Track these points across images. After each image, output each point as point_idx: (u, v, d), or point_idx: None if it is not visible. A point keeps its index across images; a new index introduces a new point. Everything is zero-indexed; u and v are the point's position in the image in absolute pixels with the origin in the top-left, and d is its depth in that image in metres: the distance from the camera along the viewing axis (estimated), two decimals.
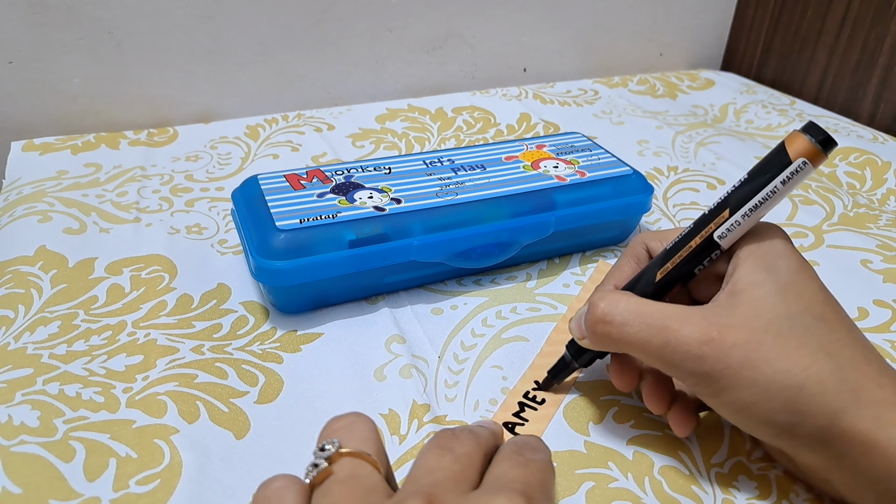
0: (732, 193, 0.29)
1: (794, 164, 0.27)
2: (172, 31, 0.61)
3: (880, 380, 0.25)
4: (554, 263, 0.45)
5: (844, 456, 0.25)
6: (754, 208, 0.28)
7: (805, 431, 0.25)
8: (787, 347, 0.25)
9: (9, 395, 0.33)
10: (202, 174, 0.55)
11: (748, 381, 0.25)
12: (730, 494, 0.29)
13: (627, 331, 0.28)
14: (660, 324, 0.27)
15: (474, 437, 0.25)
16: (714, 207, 0.29)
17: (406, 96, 0.72)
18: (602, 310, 0.28)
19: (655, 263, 0.31)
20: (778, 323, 0.26)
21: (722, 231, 0.29)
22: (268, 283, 0.38)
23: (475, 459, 0.24)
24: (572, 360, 0.33)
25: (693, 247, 0.29)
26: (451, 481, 0.23)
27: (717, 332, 0.26)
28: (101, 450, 0.30)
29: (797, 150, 0.27)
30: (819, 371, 0.25)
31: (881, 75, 0.66)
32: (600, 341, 0.29)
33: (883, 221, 0.50)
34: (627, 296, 0.29)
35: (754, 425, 0.26)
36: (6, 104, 0.59)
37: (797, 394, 0.25)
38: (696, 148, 0.62)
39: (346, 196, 0.41)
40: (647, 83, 0.77)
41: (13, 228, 0.46)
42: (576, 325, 0.31)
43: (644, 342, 0.27)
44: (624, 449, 0.31)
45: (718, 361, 0.26)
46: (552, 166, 0.46)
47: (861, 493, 0.26)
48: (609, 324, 0.28)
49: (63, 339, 0.36)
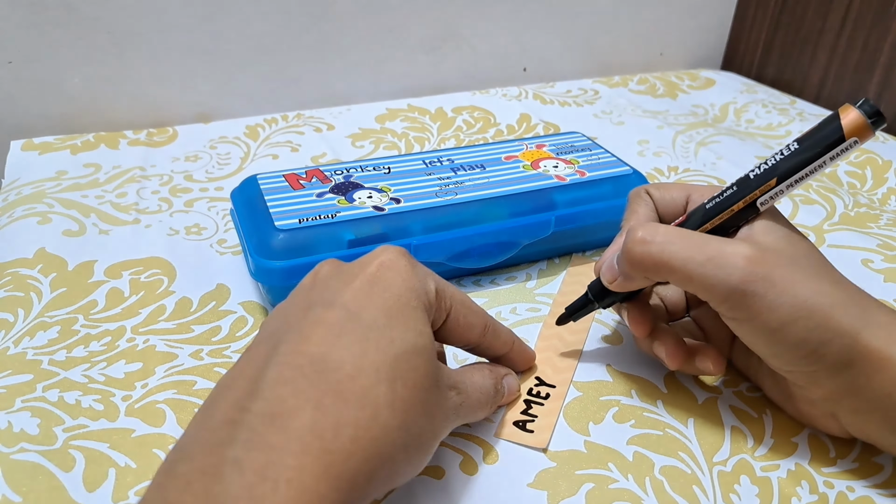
0: (781, 162, 0.29)
1: (846, 142, 0.27)
2: (172, 30, 0.61)
3: (881, 308, 0.28)
4: (554, 263, 0.45)
5: (860, 375, 0.26)
6: (800, 179, 0.29)
7: (832, 350, 0.26)
8: (811, 277, 0.27)
9: (9, 400, 0.32)
10: (201, 174, 0.55)
11: (789, 299, 0.26)
12: (734, 492, 0.29)
13: (670, 248, 0.28)
14: (703, 241, 0.28)
15: None
16: (761, 173, 0.29)
17: (406, 96, 0.72)
18: (642, 233, 0.29)
19: (693, 221, 0.31)
20: (798, 258, 0.28)
21: (765, 198, 0.29)
22: (267, 283, 0.38)
23: None
24: (593, 301, 0.34)
25: (735, 210, 0.30)
26: None
27: (759, 252, 0.27)
28: (101, 459, 0.30)
29: (851, 126, 0.27)
30: (839, 296, 0.27)
31: (882, 75, 0.66)
32: (639, 263, 0.29)
33: (884, 221, 0.50)
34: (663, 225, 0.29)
35: (785, 348, 0.27)
36: (5, 104, 0.59)
37: (829, 312, 0.26)
38: (697, 147, 0.62)
39: (345, 196, 0.41)
40: (648, 83, 0.77)
41: (13, 229, 0.46)
42: (608, 268, 0.32)
43: (687, 258, 0.28)
44: (624, 449, 0.31)
45: (763, 279, 0.27)
46: (552, 166, 0.46)
47: (867, 416, 0.28)
48: (650, 244, 0.28)
49: (62, 344, 0.36)
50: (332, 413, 0.21)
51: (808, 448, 0.31)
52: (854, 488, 0.29)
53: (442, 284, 0.28)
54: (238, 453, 0.20)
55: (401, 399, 0.23)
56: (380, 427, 0.22)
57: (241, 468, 0.19)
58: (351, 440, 0.21)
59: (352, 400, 0.22)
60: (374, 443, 0.22)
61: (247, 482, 0.19)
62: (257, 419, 0.21)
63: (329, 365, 0.23)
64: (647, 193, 0.35)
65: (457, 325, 0.29)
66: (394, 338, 0.24)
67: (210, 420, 0.22)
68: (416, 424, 0.24)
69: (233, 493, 0.19)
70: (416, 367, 0.24)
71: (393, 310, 0.25)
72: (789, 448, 0.31)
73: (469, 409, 0.29)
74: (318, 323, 0.24)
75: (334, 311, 0.24)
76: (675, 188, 0.34)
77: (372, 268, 0.26)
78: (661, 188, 0.34)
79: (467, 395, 0.28)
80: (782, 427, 0.32)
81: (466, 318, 0.29)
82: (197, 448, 0.21)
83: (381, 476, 0.22)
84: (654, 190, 0.34)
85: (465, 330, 0.30)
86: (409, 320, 0.25)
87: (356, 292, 0.25)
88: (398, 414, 0.23)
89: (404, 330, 0.25)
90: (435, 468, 0.30)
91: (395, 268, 0.27)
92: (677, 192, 0.34)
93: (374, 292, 0.25)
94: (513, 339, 0.33)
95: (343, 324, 0.24)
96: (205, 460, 0.20)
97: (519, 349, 0.33)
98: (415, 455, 0.24)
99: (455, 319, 0.29)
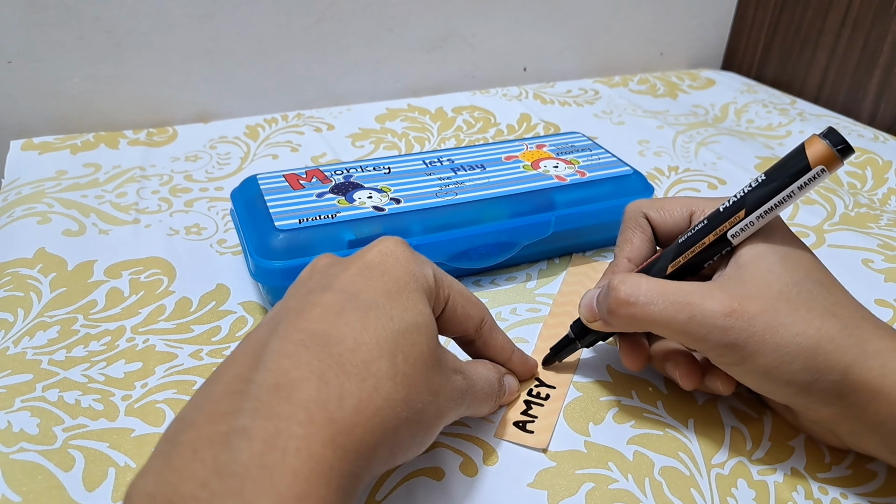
0: (749, 194, 0.29)
1: (812, 171, 0.27)
2: (172, 30, 0.61)
3: (878, 332, 0.27)
4: (554, 263, 0.45)
5: (854, 405, 0.27)
6: (769, 210, 0.29)
7: (822, 387, 0.27)
8: (800, 312, 0.27)
9: (8, 400, 0.32)
10: (201, 174, 0.55)
11: (771, 346, 0.27)
12: (731, 496, 0.29)
13: (652, 310, 0.29)
14: (683, 300, 0.28)
15: None
16: (730, 206, 0.30)
17: (406, 96, 0.72)
18: (625, 292, 0.29)
19: (666, 256, 0.32)
20: (787, 290, 0.28)
21: (735, 230, 0.30)
22: (267, 284, 0.38)
23: None
24: (575, 340, 0.34)
25: (706, 243, 0.30)
26: None
27: (738, 304, 0.27)
28: (101, 459, 0.30)
29: (816, 156, 0.27)
30: (829, 330, 0.27)
31: (882, 75, 0.66)
32: (623, 322, 0.30)
33: (884, 221, 0.50)
34: (646, 277, 0.30)
35: (776, 387, 0.28)
36: (5, 104, 0.59)
37: (814, 352, 0.26)
38: (697, 147, 0.62)
39: (345, 196, 0.41)
40: (648, 83, 0.77)
41: (12, 229, 0.46)
42: (586, 308, 0.32)
43: (669, 319, 0.28)
44: (624, 449, 0.31)
45: (743, 331, 0.27)
46: (552, 166, 0.45)
47: (865, 438, 0.28)
48: (633, 305, 0.29)
49: (62, 344, 0.36)
50: (335, 384, 0.21)
51: (805, 453, 0.31)
52: (847, 495, 0.29)
53: (440, 273, 0.29)
54: (246, 422, 0.20)
55: (402, 374, 0.23)
56: (382, 398, 0.22)
57: (250, 436, 0.19)
58: (354, 410, 0.21)
59: (353, 372, 0.22)
60: (378, 413, 0.22)
61: (256, 450, 0.19)
62: (262, 389, 0.21)
63: (330, 339, 0.23)
64: (644, 218, 0.34)
65: (454, 314, 0.29)
66: (393, 315, 0.24)
67: (213, 393, 0.22)
68: (419, 400, 0.24)
69: (242, 460, 0.19)
70: (416, 343, 0.24)
71: (392, 291, 0.25)
72: (786, 452, 0.31)
73: (474, 399, 0.29)
74: (317, 304, 0.24)
75: (333, 293, 0.25)
76: (675, 205, 0.34)
77: (370, 255, 0.27)
78: (661, 208, 0.34)
79: (473, 383, 0.28)
80: (780, 430, 0.32)
81: (465, 308, 0.29)
82: (201, 418, 0.21)
83: (384, 449, 0.22)
84: (653, 212, 0.34)
85: (463, 320, 0.30)
86: (409, 301, 0.25)
87: (354, 276, 0.26)
88: (400, 388, 0.23)
89: (403, 309, 0.25)
90: (435, 469, 0.30)
91: (394, 254, 0.27)
92: (679, 209, 0.34)
93: (372, 276, 0.26)
94: (512, 349, 0.33)
95: (342, 304, 0.24)
96: (211, 429, 0.20)
97: (519, 359, 0.33)
98: (418, 431, 0.24)
99: (453, 309, 0.29)
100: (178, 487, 0.19)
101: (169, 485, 0.19)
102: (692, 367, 0.32)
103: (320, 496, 0.19)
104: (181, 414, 0.22)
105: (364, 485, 0.22)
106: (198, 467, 0.19)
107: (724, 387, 0.31)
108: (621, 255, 0.34)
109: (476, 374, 0.29)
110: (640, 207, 0.34)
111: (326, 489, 0.19)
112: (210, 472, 0.19)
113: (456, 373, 0.27)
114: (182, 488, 0.19)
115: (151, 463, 0.20)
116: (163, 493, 0.19)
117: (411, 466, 0.30)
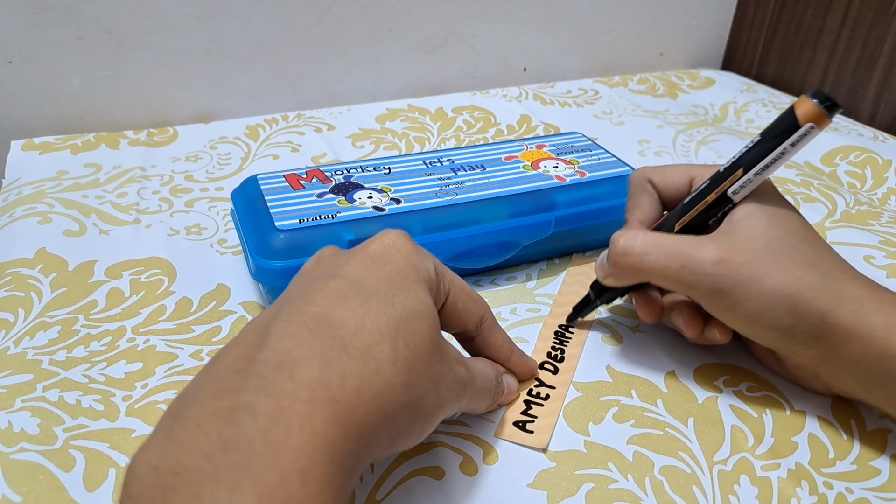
0: (745, 154, 0.32)
1: (802, 128, 0.30)
2: (172, 30, 0.61)
3: (854, 282, 0.30)
4: (554, 264, 0.45)
5: (832, 347, 0.30)
6: (765, 167, 0.31)
7: (802, 330, 0.30)
8: (783, 263, 0.30)
9: (9, 400, 0.32)
10: (202, 174, 0.55)
11: (756, 293, 0.30)
12: (733, 493, 0.29)
13: (647, 259, 0.32)
14: (676, 250, 0.31)
15: None
16: (728, 166, 0.32)
17: (406, 96, 0.72)
18: (622, 244, 0.32)
19: (673, 217, 0.34)
20: (772, 244, 0.31)
21: (735, 188, 0.32)
22: (267, 284, 0.38)
23: None
24: (596, 298, 0.37)
25: (709, 202, 0.33)
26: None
27: (726, 254, 0.30)
28: (101, 459, 0.30)
29: (805, 114, 0.30)
30: (809, 280, 0.30)
31: (881, 75, 0.66)
32: (623, 272, 0.33)
33: (885, 218, 0.50)
34: (643, 230, 0.33)
35: (761, 331, 0.31)
36: (6, 104, 0.59)
37: (795, 299, 0.30)
38: (697, 147, 0.62)
39: (345, 196, 0.41)
40: (648, 83, 0.77)
41: (13, 229, 0.46)
42: (599, 265, 0.35)
43: (663, 267, 0.31)
44: (624, 449, 0.31)
45: (730, 279, 0.30)
46: (552, 166, 0.46)
47: (844, 379, 0.31)
48: (630, 255, 0.32)
49: (63, 344, 0.36)
50: (337, 365, 0.22)
51: (808, 448, 0.31)
52: (853, 490, 0.29)
53: (441, 268, 0.29)
54: (250, 398, 0.20)
55: (403, 358, 0.23)
56: (383, 382, 0.22)
57: (254, 412, 0.20)
58: (355, 391, 0.21)
59: (355, 354, 0.22)
60: (378, 396, 0.22)
61: (260, 426, 0.19)
62: (266, 368, 0.21)
63: (332, 323, 0.23)
64: (649, 182, 0.36)
65: (455, 309, 0.29)
66: (395, 302, 0.25)
67: (217, 372, 0.22)
68: (420, 387, 0.24)
69: (247, 435, 0.19)
70: (418, 330, 0.24)
71: (394, 280, 0.26)
72: (789, 447, 0.31)
73: (475, 393, 0.29)
74: (320, 290, 0.24)
75: (336, 280, 0.25)
76: (676, 172, 0.36)
77: (373, 246, 0.27)
78: (663, 174, 0.36)
79: (474, 376, 0.29)
80: (782, 426, 0.32)
81: (465, 304, 0.30)
82: (205, 394, 0.21)
83: (383, 432, 0.22)
84: (657, 178, 0.36)
85: (463, 316, 0.30)
86: (410, 290, 0.26)
87: (357, 265, 0.26)
88: (401, 372, 0.23)
89: (405, 297, 0.25)
90: (435, 468, 0.30)
91: (396, 246, 0.27)
92: (680, 175, 0.36)
93: (375, 265, 0.26)
94: (512, 348, 0.33)
95: (345, 290, 0.24)
96: (216, 404, 0.20)
97: (519, 359, 0.33)
98: (417, 418, 0.24)
99: (453, 304, 0.29)
100: (182, 459, 0.19)
101: (173, 457, 0.19)
102: (694, 315, 0.34)
103: (323, 472, 0.19)
104: (184, 391, 0.22)
105: (365, 466, 0.22)
106: (202, 441, 0.19)
107: (721, 335, 0.34)
108: (633, 218, 0.36)
109: (475, 369, 0.29)
110: (645, 174, 0.37)
111: (329, 466, 0.20)
112: (215, 445, 0.19)
113: (458, 364, 0.27)
114: (187, 460, 0.19)
115: (155, 436, 0.20)
116: (167, 465, 0.19)
117: (411, 466, 0.30)
